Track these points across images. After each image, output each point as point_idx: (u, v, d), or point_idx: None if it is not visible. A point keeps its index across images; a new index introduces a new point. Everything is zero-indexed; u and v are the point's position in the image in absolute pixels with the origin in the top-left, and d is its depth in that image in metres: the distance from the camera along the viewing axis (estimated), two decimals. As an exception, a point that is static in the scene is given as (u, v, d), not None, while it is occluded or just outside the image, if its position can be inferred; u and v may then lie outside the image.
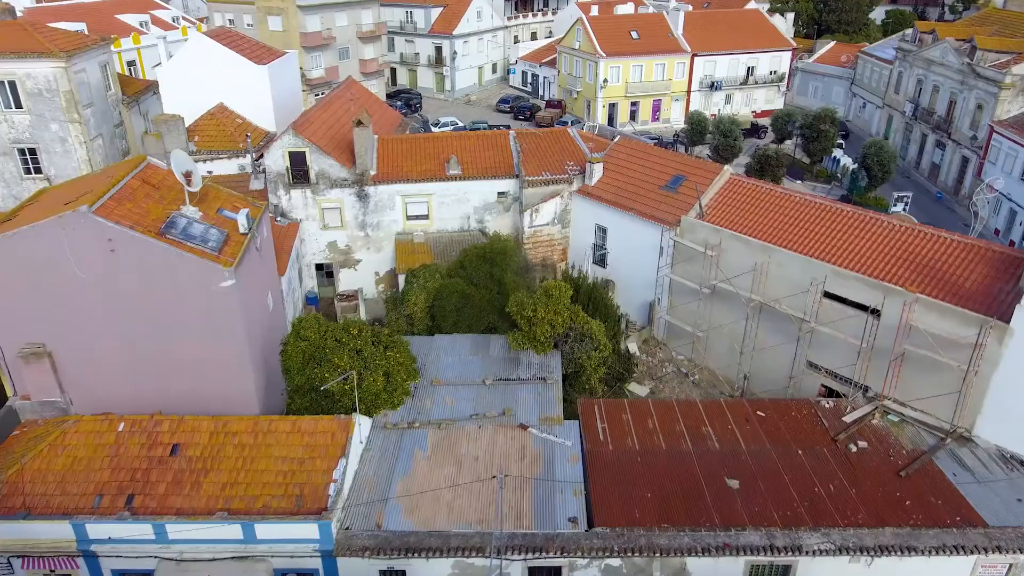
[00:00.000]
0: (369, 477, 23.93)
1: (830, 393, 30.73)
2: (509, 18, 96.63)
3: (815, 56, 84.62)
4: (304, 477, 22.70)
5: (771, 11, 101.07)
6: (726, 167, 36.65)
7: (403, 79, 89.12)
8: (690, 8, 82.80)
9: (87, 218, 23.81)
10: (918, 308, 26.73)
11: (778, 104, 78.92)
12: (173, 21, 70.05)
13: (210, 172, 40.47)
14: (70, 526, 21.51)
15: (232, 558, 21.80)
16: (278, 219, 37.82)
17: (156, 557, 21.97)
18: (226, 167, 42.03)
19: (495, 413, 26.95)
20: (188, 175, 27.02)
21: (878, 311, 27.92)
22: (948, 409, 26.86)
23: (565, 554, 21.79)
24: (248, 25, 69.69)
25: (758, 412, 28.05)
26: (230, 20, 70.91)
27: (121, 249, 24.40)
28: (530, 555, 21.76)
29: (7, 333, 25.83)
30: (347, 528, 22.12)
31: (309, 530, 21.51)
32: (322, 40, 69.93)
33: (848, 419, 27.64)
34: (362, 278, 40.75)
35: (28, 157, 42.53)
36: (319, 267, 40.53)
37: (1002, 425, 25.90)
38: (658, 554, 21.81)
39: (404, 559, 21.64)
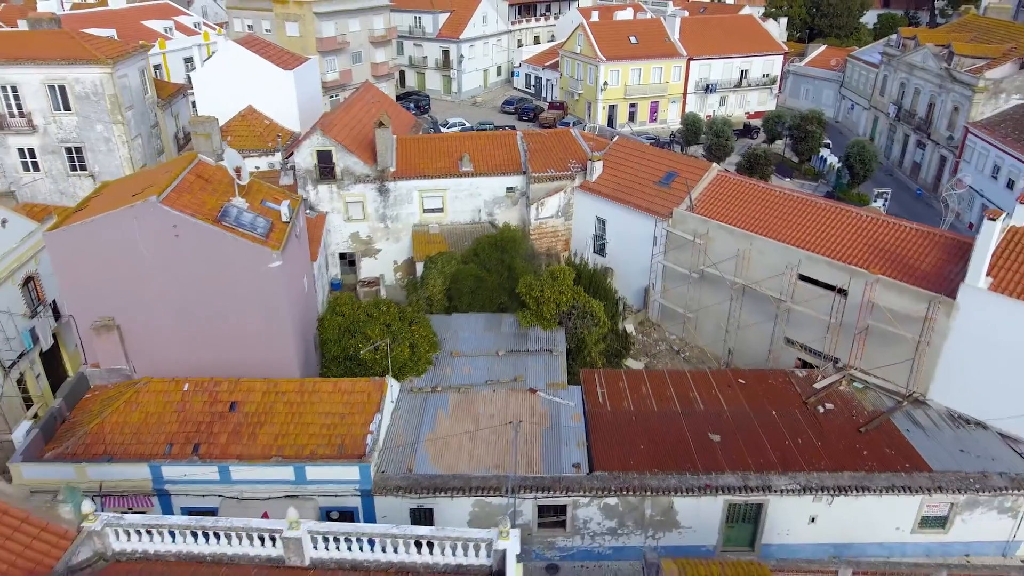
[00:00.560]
0: (399, 431, 27.66)
1: (805, 365, 34.41)
2: (513, 23, 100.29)
3: (806, 60, 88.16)
4: (345, 429, 26.39)
5: (765, 16, 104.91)
6: (714, 164, 40.39)
7: (411, 81, 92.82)
8: (686, 14, 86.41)
9: (156, 207, 27.51)
10: (879, 288, 30.44)
11: (771, 106, 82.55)
12: (195, 27, 73.69)
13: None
14: (147, 468, 25.22)
15: (285, 497, 25.49)
16: (307, 211, 41.49)
17: (220, 496, 25.69)
18: (256, 164, 45.68)
19: (507, 379, 30.68)
20: (238, 170, 30.78)
21: (845, 291, 31.64)
22: (905, 376, 30.57)
23: (570, 493, 25.51)
24: (266, 30, 73.35)
25: (739, 380, 31.78)
26: (249, 26, 74.60)
27: (184, 234, 28.10)
28: (540, 494, 25.48)
29: (82, 308, 29.59)
30: (383, 471, 25.85)
31: (351, 472, 25.20)
32: (336, 45, 73.57)
33: (818, 386, 31.35)
34: (382, 266, 44.44)
35: (74, 155, 46.24)
36: (343, 256, 44.21)
37: (951, 389, 29.60)
38: (649, 493, 25.51)
39: (432, 498, 25.36)
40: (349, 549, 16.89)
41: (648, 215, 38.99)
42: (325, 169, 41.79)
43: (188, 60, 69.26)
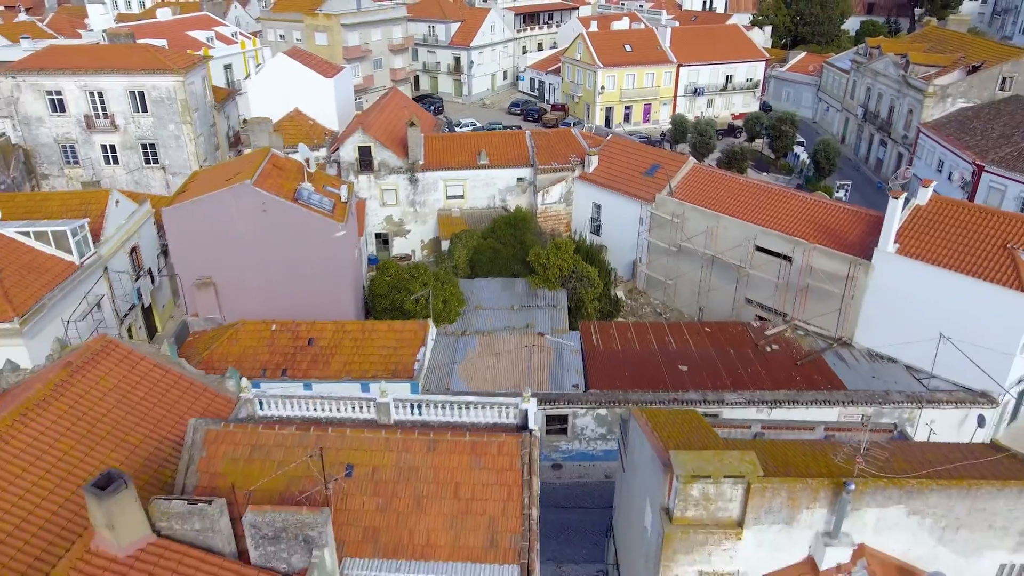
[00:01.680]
0: (438, 361, 35.66)
1: (761, 319, 42.33)
2: (518, 31, 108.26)
3: (788, 65, 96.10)
4: (397, 358, 34.34)
5: (753, 23, 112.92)
6: (690, 158, 48.39)
7: (425, 85, 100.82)
8: (677, 23, 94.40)
9: (250, 188, 35.56)
10: (815, 254, 38.43)
11: (754, 107, 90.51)
12: (232, 36, 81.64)
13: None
14: (250, 385, 33.10)
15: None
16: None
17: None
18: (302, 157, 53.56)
19: (521, 326, 38.69)
20: (308, 160, 38.84)
21: (790, 258, 39.62)
22: (835, 324, 38.54)
23: (570, 405, 33.48)
24: (297, 40, 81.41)
25: (706, 329, 39.78)
26: (281, 35, 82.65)
27: (270, 209, 36.14)
28: (547, 406, 33.43)
29: (186, 269, 37.68)
30: (427, 388, 33.83)
31: (404, 388, 33.13)
32: (360, 52, 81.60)
33: (768, 333, 39.33)
34: (411, 244, 52.44)
35: (149, 151, 54.27)
36: (378, 235, 52.20)
37: (870, 333, 37.55)
38: (631, 405, 33.44)
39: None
40: (420, 413, 24.83)
41: (635, 200, 46.95)
42: (365, 162, 49.82)
43: (227, 67, 77.22)
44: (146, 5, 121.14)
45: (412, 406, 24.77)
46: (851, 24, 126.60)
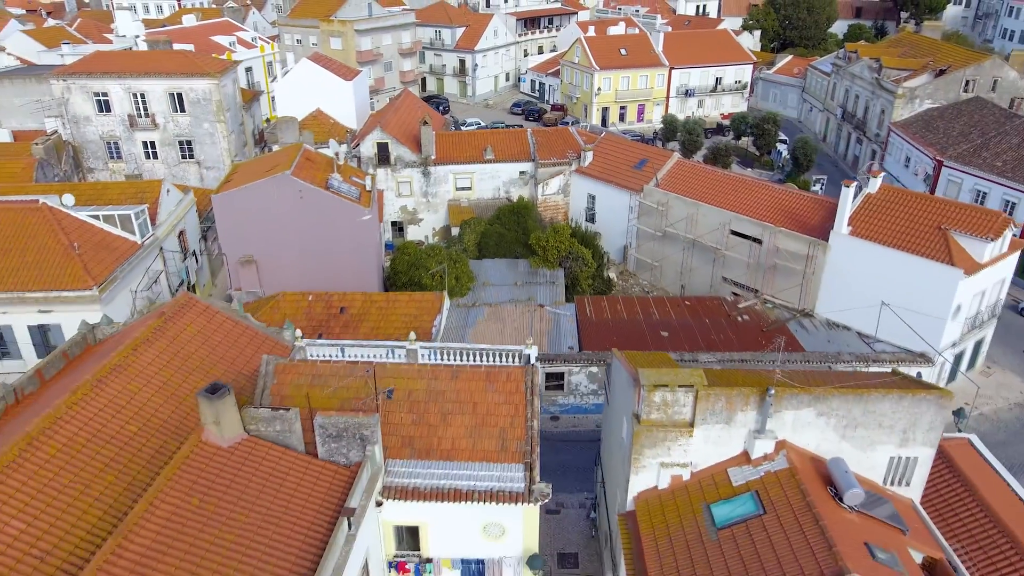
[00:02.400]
0: (452, 326, 41.15)
1: (735, 295, 47.81)
2: (520, 35, 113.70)
3: (775, 68, 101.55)
4: (417, 324, 39.76)
5: (743, 27, 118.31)
6: (676, 153, 53.88)
7: (432, 86, 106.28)
8: (670, 28, 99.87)
9: (288, 178, 41.08)
10: (781, 236, 43.92)
11: (742, 108, 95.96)
12: (252, 40, 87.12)
13: (317, 157, 57.52)
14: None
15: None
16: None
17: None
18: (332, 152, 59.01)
19: (524, 299, 44.17)
20: (337, 154, 44.34)
21: (760, 240, 45.10)
22: (799, 297, 44.02)
23: (566, 363, 38.95)
24: (313, 44, 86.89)
25: (686, 303, 45.30)
26: (298, 40, 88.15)
27: (305, 197, 41.63)
28: (546, 364, 38.89)
29: (231, 249, 43.18)
30: (443, 350, 39.21)
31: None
32: (372, 56, 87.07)
33: (741, 307, 44.83)
34: (424, 231, 57.91)
35: (185, 147, 59.75)
36: (394, 223, 57.68)
37: (829, 305, 43.03)
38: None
39: (475, 367, 38.70)
40: (442, 358, 30.32)
41: (626, 191, 52.43)
42: (383, 156, 55.30)
43: (248, 69, 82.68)
44: (162, 11, 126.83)
45: (436, 352, 30.25)
46: (839, 27, 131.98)
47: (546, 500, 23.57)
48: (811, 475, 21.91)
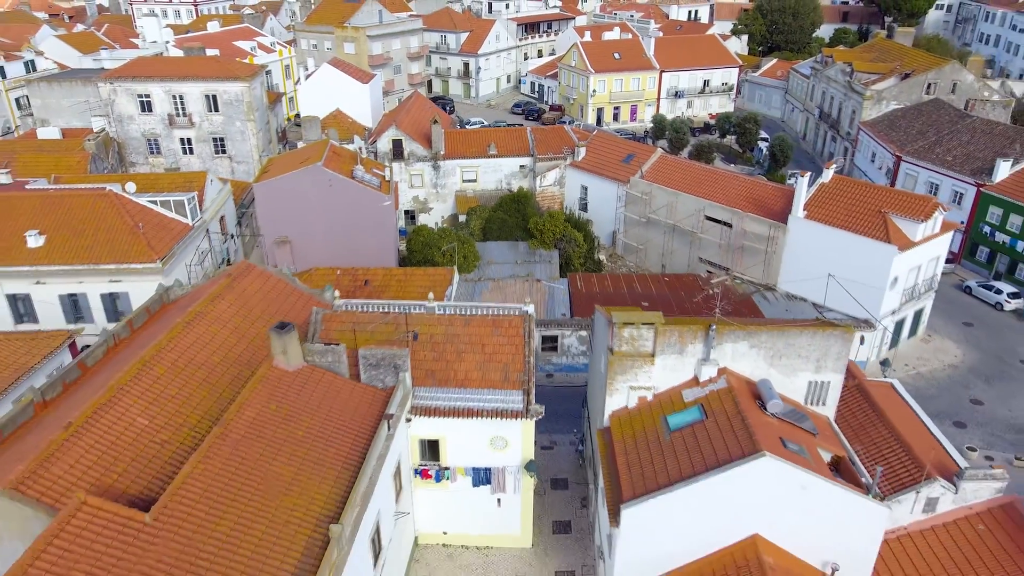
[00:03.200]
0: (461, 297, 47.53)
1: (709, 272, 54.20)
2: (521, 40, 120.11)
3: (760, 71, 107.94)
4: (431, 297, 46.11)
5: (733, 32, 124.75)
6: (659, 149, 60.29)
7: (438, 88, 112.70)
8: (661, 34, 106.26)
9: (320, 169, 47.49)
10: (747, 220, 50.31)
11: (729, 108, 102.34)
12: (271, 45, 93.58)
13: (337, 152, 63.89)
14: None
15: (399, 329, 45.24)
16: (385, 180, 61.30)
17: (362, 329, 45.47)
18: (355, 147, 65.40)
19: (523, 275, 50.60)
20: (360, 148, 50.77)
21: (730, 224, 51.49)
22: (762, 273, 50.41)
23: (559, 327, 45.34)
24: (328, 48, 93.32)
25: (665, 279, 51.69)
26: (313, 44, 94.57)
27: (334, 185, 48.04)
28: (542, 328, 45.28)
29: (269, 231, 49.61)
30: (454, 316, 45.64)
31: (437, 315, 44.96)
32: (382, 60, 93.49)
33: (713, 282, 51.23)
34: (433, 219, 64.29)
35: (218, 144, 66.18)
36: (407, 212, 64.09)
37: (788, 280, 49.42)
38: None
39: (481, 330, 45.10)
40: (457, 312, 36.68)
41: (615, 182, 58.81)
42: (397, 151, 61.72)
43: (268, 72, 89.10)
44: (179, 16, 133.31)
45: (451, 309, 36.63)
46: (827, 31, 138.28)
47: (539, 416, 30.01)
48: (744, 392, 28.31)
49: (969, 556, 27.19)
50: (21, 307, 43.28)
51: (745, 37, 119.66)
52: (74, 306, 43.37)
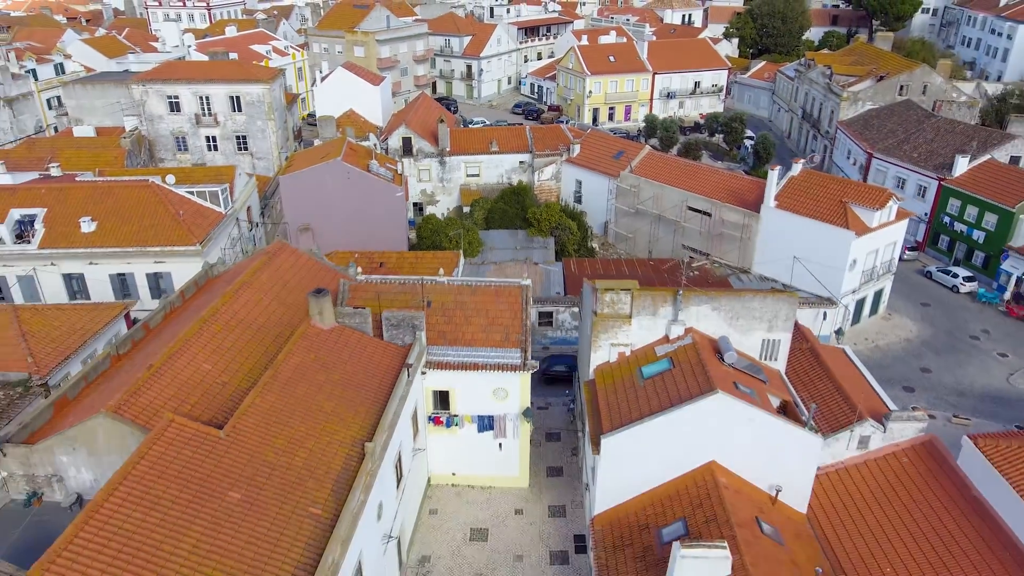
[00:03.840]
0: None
1: (691, 258, 59.56)
2: (521, 43, 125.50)
3: (749, 73, 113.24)
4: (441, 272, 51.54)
5: (725, 35, 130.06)
6: (647, 145, 65.68)
7: (442, 89, 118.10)
8: (654, 38, 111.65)
9: (340, 163, 52.90)
10: (725, 210, 55.70)
11: (719, 108, 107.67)
12: (285, 49, 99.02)
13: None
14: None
15: (411, 306, 50.67)
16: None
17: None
18: (371, 144, 70.78)
19: (522, 259, 56.02)
20: (375, 145, 56.19)
21: (710, 214, 56.88)
22: (738, 258, 55.80)
23: (554, 305, 50.72)
24: (339, 52, 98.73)
25: (650, 263, 57.08)
26: (325, 48, 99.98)
27: (352, 177, 53.45)
28: (539, 304, 50.64)
29: (293, 218, 55.01)
30: (460, 294, 51.09)
31: (445, 293, 50.40)
32: (390, 63, 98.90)
33: (694, 266, 56.63)
34: (440, 211, 69.66)
35: (240, 141, 71.61)
36: (415, 204, 69.46)
37: (761, 264, 54.79)
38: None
39: (484, 307, 50.51)
40: (465, 284, 42.01)
41: (606, 176, 64.19)
42: (407, 148, 67.10)
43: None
44: (193, 20, 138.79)
45: (459, 281, 42.01)
46: (816, 34, 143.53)
47: (535, 370, 35.41)
48: (706, 347, 33.69)
49: (894, 484, 32.58)
50: (75, 285, 48.73)
51: (736, 40, 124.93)
52: (122, 284, 48.82)
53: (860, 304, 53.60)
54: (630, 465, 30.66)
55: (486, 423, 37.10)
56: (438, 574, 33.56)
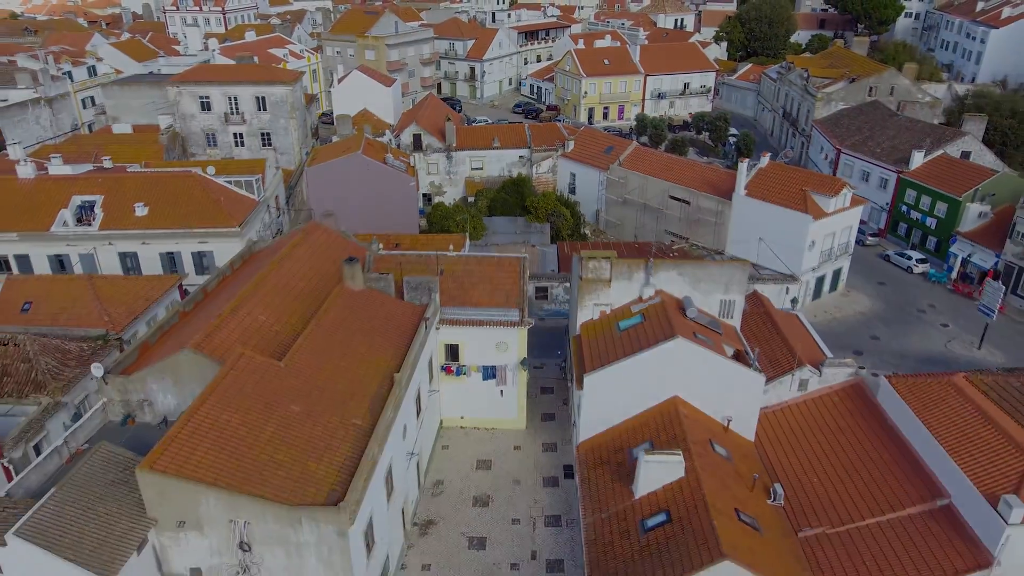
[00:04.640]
0: (472, 258, 59.94)
1: (672, 241, 66.44)
2: (521, 46, 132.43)
3: (737, 74, 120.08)
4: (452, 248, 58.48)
5: (715, 38, 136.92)
6: (634, 142, 72.62)
7: (446, 90, 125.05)
8: (646, 42, 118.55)
9: (360, 156, 59.86)
10: (701, 198, 62.63)
11: (707, 108, 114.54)
12: (300, 52, 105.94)
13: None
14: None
15: (423, 282, 57.66)
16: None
17: (394, 281, 57.94)
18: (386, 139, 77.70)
19: (520, 242, 62.96)
20: (390, 141, 63.16)
21: (688, 201, 63.80)
22: (712, 241, 62.74)
23: (549, 280, 57.63)
24: (350, 55, 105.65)
25: (635, 245, 63.98)
26: (337, 52, 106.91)
27: (370, 169, 60.40)
28: (535, 280, 57.52)
29: (318, 205, 61.98)
30: (466, 271, 58.06)
31: (453, 270, 57.34)
32: (398, 65, 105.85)
33: (673, 248, 63.52)
34: (447, 201, 76.51)
35: (265, 138, 78.57)
36: (424, 195, 76.38)
37: (734, 246, 61.66)
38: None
39: (488, 283, 57.48)
40: (471, 256, 48.90)
41: (598, 169, 71.10)
42: (417, 144, 74.05)
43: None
44: (209, 24, 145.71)
45: (466, 254, 48.86)
46: (804, 37, 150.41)
47: (531, 326, 42.32)
48: (672, 306, 40.58)
49: (827, 417, 39.47)
50: (130, 262, 55.66)
51: (725, 43, 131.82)
52: (171, 261, 55.75)
53: (820, 281, 60.49)
54: (607, 399, 37.51)
55: (490, 372, 43.99)
56: (451, 493, 40.50)
